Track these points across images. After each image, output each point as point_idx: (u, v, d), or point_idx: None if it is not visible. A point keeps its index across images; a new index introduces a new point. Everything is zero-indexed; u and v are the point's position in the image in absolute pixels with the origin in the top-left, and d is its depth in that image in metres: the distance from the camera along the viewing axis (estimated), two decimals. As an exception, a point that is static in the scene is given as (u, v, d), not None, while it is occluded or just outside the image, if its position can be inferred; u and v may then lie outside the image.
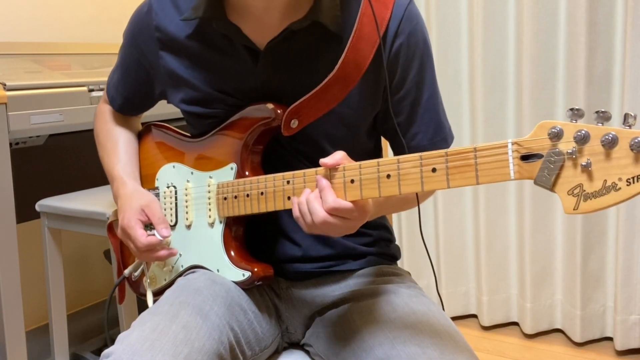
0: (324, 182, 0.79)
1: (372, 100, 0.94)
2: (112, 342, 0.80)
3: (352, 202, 0.78)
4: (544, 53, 1.88)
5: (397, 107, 0.95)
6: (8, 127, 1.35)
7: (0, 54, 1.68)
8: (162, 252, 0.96)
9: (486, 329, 2.11)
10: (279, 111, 0.91)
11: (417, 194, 0.91)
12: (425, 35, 0.95)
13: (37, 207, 1.59)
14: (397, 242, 1.08)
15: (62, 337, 1.68)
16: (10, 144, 1.39)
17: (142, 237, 0.94)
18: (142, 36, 1.02)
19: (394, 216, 2.18)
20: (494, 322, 2.11)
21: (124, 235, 0.98)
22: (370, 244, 1.01)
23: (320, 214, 0.77)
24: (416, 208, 0.95)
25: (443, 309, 1.44)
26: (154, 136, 1.11)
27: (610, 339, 1.94)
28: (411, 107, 0.95)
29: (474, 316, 2.19)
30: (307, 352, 0.98)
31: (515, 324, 2.11)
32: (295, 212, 0.81)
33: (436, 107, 0.97)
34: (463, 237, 2.16)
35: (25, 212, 1.63)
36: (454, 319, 2.17)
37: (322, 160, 0.80)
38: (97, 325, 2.08)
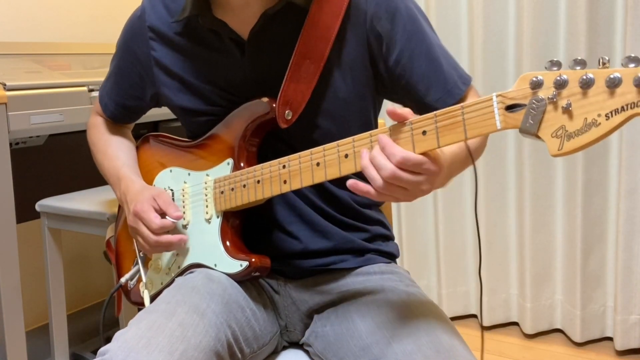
0: (386, 139, 0.75)
1: (362, 79, 0.94)
2: (108, 342, 0.80)
3: (423, 153, 0.74)
4: (544, 53, 1.88)
5: (396, 70, 0.93)
6: (8, 127, 1.36)
7: (0, 54, 1.68)
8: (174, 238, 0.96)
9: (486, 329, 2.11)
10: (274, 105, 0.92)
11: (470, 152, 0.87)
12: (406, 2, 0.94)
13: (37, 207, 1.60)
14: (396, 241, 1.08)
15: (62, 337, 1.68)
16: (10, 144, 1.39)
17: (155, 219, 0.95)
18: (135, 40, 1.06)
19: (394, 215, 2.17)
20: (494, 322, 2.11)
21: (135, 220, 0.98)
22: (368, 240, 1.01)
23: (389, 167, 0.73)
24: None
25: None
26: (152, 146, 1.13)
27: (610, 339, 1.94)
28: (410, 65, 0.93)
29: (474, 316, 2.19)
30: (307, 352, 0.98)
31: (515, 324, 2.11)
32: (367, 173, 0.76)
33: (437, 58, 0.94)
34: (463, 237, 2.15)
35: (25, 212, 1.63)
36: (454, 319, 2.17)
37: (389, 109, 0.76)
38: (97, 326, 2.08)
